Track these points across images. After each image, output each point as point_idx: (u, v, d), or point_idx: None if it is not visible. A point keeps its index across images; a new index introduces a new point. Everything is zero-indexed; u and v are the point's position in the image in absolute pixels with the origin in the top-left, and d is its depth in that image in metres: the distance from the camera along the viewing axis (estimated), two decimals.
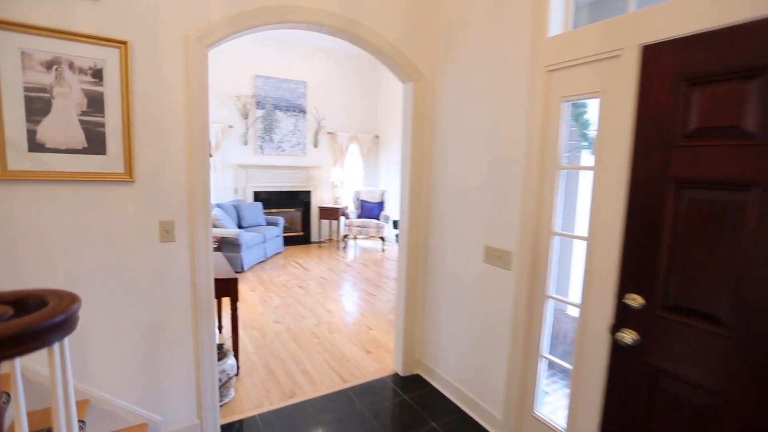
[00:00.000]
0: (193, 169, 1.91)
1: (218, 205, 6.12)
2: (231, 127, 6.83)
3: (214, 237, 5.15)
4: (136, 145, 1.80)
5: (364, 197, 7.76)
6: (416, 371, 2.88)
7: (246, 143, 7.04)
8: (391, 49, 2.46)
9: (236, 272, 5.43)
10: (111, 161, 1.75)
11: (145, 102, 1.79)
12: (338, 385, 2.71)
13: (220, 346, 2.56)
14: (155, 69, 1.80)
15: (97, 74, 1.69)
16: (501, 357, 2.15)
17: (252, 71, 6.97)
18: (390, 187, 8.01)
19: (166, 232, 1.89)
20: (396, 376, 2.85)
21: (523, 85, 1.95)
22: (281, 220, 6.91)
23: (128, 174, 1.78)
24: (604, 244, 1.61)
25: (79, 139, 1.69)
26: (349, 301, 4.49)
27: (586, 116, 2.86)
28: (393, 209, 7.85)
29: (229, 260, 5.46)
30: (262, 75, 7.03)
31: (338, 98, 7.94)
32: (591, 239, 1.67)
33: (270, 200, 7.39)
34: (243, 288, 4.81)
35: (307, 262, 6.25)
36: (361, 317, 4.01)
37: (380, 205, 7.61)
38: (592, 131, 2.79)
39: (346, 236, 7.30)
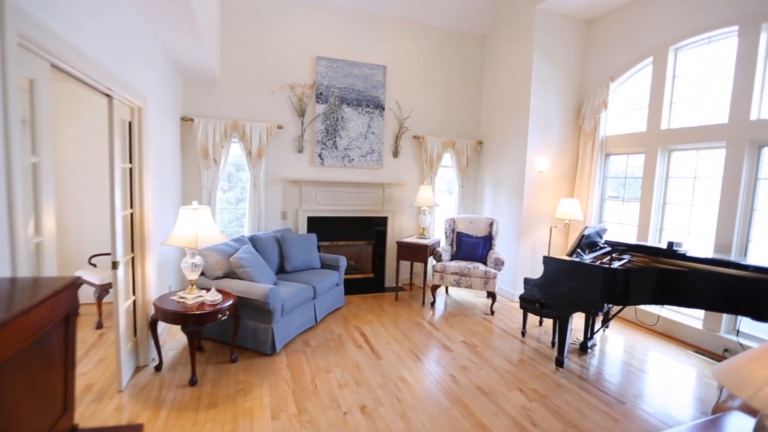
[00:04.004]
0: None
1: (251, 239, 4.15)
2: (281, 128, 4.91)
3: (229, 296, 3.11)
4: None
5: (461, 229, 5.33)
6: None
7: (301, 150, 5.08)
8: None
9: (264, 354, 3.33)
10: None
11: None
12: None
13: None
14: None
15: None
16: None
17: (312, 51, 5.03)
18: (501, 215, 5.48)
19: None
20: None
21: None
22: (343, 260, 4.76)
23: None
24: None
25: None
26: None
27: None
28: (506, 250, 5.29)
29: (254, 334, 3.38)
30: (325, 57, 5.06)
31: (429, 89, 5.69)
32: None
33: (330, 229, 5.31)
34: (260, 395, 2.65)
35: (378, 333, 3.97)
36: None
37: (486, 241, 5.12)
38: None
39: (436, 287, 4.92)
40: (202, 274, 3.57)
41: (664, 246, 3.68)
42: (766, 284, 2.72)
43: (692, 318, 4.05)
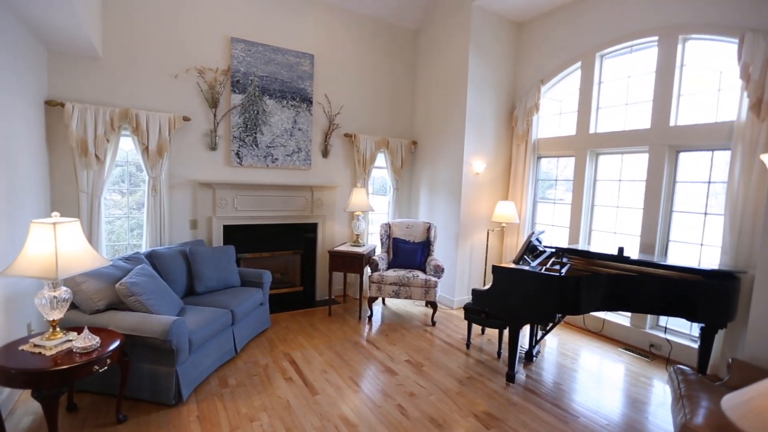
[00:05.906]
0: None
1: (149, 256, 3.34)
2: (188, 120, 4.10)
3: (112, 336, 2.35)
4: None
5: (398, 234, 5.00)
6: None
7: (214, 147, 4.31)
8: None
9: (167, 405, 2.62)
10: None
11: None
12: None
13: None
14: None
15: None
16: None
17: (226, 31, 4.30)
18: (438, 219, 5.27)
19: None
20: None
21: None
22: (268, 275, 4.12)
23: None
24: None
25: None
26: None
27: None
28: (444, 255, 5.09)
29: (152, 381, 2.64)
30: (242, 39, 4.36)
31: (360, 83, 5.27)
32: None
33: (251, 239, 4.61)
34: None
35: (311, 360, 3.43)
36: None
37: (424, 247, 4.85)
38: None
39: (374, 299, 4.51)
40: (75, 307, 2.72)
41: (597, 249, 3.73)
42: (700, 286, 2.79)
43: (620, 315, 4.19)
